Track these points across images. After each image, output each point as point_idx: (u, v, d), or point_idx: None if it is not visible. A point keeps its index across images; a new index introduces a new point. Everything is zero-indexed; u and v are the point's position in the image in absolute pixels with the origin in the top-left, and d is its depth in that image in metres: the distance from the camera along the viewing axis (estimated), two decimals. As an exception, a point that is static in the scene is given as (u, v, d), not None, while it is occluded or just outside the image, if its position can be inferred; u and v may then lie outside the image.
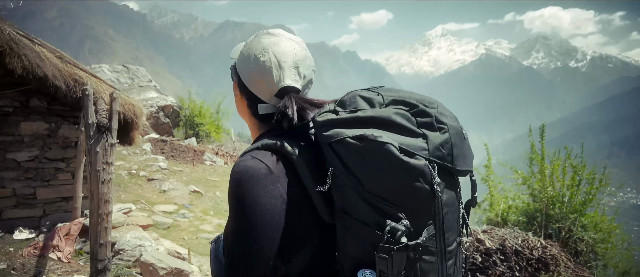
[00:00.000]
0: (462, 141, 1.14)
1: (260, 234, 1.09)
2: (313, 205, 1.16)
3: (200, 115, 16.60)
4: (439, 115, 1.12)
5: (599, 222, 8.07)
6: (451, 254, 1.12)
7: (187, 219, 6.86)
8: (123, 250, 3.73)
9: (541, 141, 8.25)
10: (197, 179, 9.56)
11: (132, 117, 4.28)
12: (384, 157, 1.03)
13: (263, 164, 1.14)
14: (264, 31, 1.33)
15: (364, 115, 1.11)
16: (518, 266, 6.85)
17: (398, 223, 1.03)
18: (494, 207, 8.48)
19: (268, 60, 1.24)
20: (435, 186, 1.05)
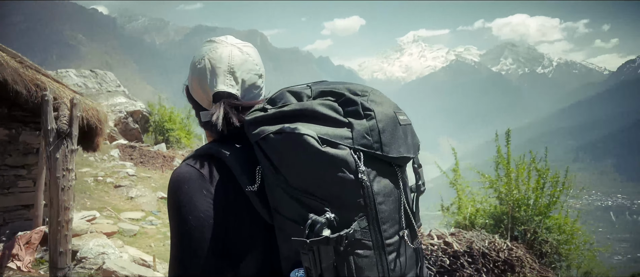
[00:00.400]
0: (395, 126, 1.11)
1: (195, 236, 1.09)
2: (253, 207, 1.14)
3: (170, 121, 16.41)
4: (367, 103, 1.10)
5: (562, 224, 8.31)
6: (392, 247, 1.08)
7: (154, 226, 6.77)
8: (85, 258, 3.66)
9: (507, 145, 8.46)
10: (166, 185, 9.44)
11: (96, 123, 4.21)
12: (304, 149, 1.01)
13: (194, 169, 1.14)
14: (209, 39, 1.32)
15: (289, 110, 1.10)
16: (485, 268, 6.98)
17: (321, 216, 1.00)
18: (462, 210, 8.63)
19: (203, 67, 1.24)
20: (361, 175, 1.02)
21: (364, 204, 1.04)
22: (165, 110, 16.63)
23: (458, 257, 6.74)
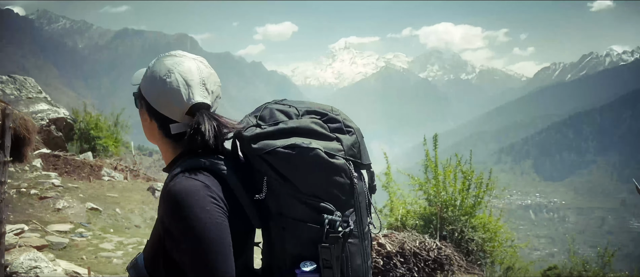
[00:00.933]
0: (363, 140, 1.37)
1: (220, 240, 1.21)
2: (244, 213, 1.29)
3: (97, 128, 15.74)
4: (345, 121, 1.35)
5: (486, 223, 8.83)
6: (366, 235, 1.34)
7: (85, 238, 6.53)
8: (16, 273, 3.51)
9: (435, 149, 8.87)
10: (95, 195, 9.10)
11: (24, 133, 4.06)
12: (314, 160, 1.23)
13: (196, 181, 1.23)
14: (165, 54, 1.40)
15: (287, 127, 1.28)
16: (416, 267, 7.29)
17: (332, 215, 1.24)
18: (394, 212, 8.96)
19: (174, 80, 1.31)
20: (354, 180, 1.28)
21: (353, 202, 1.29)
22: (91, 118, 15.94)
23: (391, 258, 6.99)
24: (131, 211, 8.80)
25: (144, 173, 14.22)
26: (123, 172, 13.00)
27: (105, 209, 8.31)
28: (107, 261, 5.67)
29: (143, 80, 1.38)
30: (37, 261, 3.73)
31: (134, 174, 13.39)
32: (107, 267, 5.40)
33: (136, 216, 8.65)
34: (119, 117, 16.83)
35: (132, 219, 8.43)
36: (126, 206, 8.96)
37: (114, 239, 6.88)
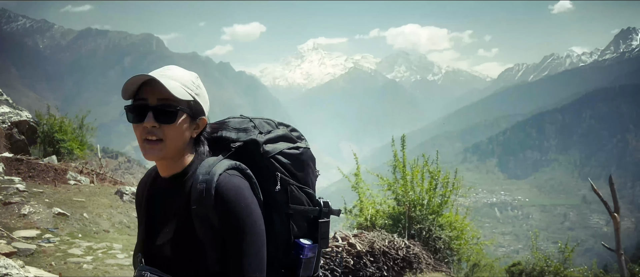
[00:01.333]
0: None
1: (263, 240, 1.47)
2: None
3: (61, 131, 15.36)
4: (296, 129, 1.75)
5: (453, 221, 9.06)
6: None
7: (52, 244, 6.42)
8: (-15, 280, 3.47)
9: (402, 150, 9.06)
10: (61, 200, 8.93)
11: (-9, 138, 4.00)
12: (309, 157, 1.68)
13: (242, 179, 1.48)
14: (172, 66, 1.58)
15: (279, 135, 1.64)
16: (386, 266, 7.44)
17: (322, 199, 1.69)
18: (363, 212, 9.09)
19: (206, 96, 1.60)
20: (317, 170, 1.74)
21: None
22: (55, 120, 15.54)
23: (361, 257, 7.12)
24: (99, 215, 8.67)
25: (110, 176, 13.98)
26: (89, 175, 12.76)
27: (72, 213, 8.17)
28: (77, 267, 5.60)
29: (197, 89, 1.52)
30: (7, 269, 3.69)
31: (101, 177, 13.16)
32: (77, 272, 5.34)
33: (104, 220, 8.54)
34: (84, 119, 16.48)
35: (100, 224, 8.31)
36: (94, 210, 8.83)
37: (82, 244, 6.78)
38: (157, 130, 1.43)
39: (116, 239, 7.53)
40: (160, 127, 1.43)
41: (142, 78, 1.44)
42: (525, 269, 7.71)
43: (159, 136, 1.43)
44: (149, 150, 1.44)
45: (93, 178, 12.61)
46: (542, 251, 8.53)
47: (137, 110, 1.45)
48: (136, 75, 1.43)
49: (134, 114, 1.45)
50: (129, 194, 10.27)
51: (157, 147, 1.43)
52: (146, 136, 1.43)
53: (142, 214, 1.62)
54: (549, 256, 7.83)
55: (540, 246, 8.74)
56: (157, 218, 1.55)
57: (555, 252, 8.34)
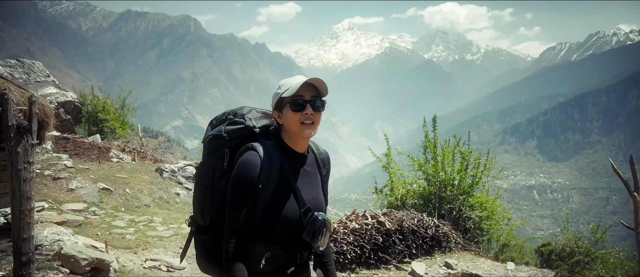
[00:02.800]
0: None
1: None
2: None
3: (104, 111, 16.03)
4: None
5: (484, 202, 9.08)
6: None
7: (98, 216, 6.86)
8: (41, 245, 3.83)
9: (434, 130, 9.10)
10: (105, 176, 9.43)
11: (43, 117, 4.35)
12: None
13: None
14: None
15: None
16: (415, 244, 7.59)
17: None
18: (394, 192, 9.22)
19: None
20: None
21: None
22: (98, 101, 16.22)
23: (390, 235, 7.29)
24: (140, 191, 9.13)
25: (150, 155, 14.53)
26: (131, 153, 13.32)
27: (115, 189, 8.64)
28: (121, 237, 6.00)
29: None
30: (59, 235, 4.04)
31: (142, 155, 13.71)
32: (121, 242, 5.73)
33: (145, 196, 8.98)
34: (125, 99, 17.08)
35: (141, 199, 8.76)
36: (135, 186, 9.29)
37: (125, 217, 7.21)
38: (312, 117, 2.01)
39: (156, 213, 7.94)
40: (314, 114, 2.01)
41: (303, 79, 2.05)
42: (555, 250, 7.70)
43: (312, 120, 2.01)
44: (305, 130, 2.00)
45: (134, 156, 13.14)
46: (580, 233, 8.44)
47: (298, 104, 2.01)
48: (302, 78, 2.05)
49: (296, 105, 2.01)
50: (168, 172, 10.70)
51: (312, 128, 2.01)
52: (304, 120, 2.00)
53: (284, 182, 2.00)
54: (579, 237, 7.79)
55: (580, 230, 8.65)
56: (300, 181, 2.05)
57: (585, 233, 8.26)
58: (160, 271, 4.89)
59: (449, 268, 7.04)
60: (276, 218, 1.92)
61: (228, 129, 2.04)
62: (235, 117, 2.10)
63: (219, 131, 2.05)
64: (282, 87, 2.07)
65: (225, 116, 2.13)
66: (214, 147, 2.05)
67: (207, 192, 2.01)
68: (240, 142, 2.02)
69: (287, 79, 2.11)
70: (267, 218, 1.92)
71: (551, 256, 7.81)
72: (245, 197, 1.88)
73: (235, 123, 2.07)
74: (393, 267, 6.90)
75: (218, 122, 2.13)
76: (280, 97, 2.05)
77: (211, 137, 2.06)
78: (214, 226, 2.01)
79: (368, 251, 6.86)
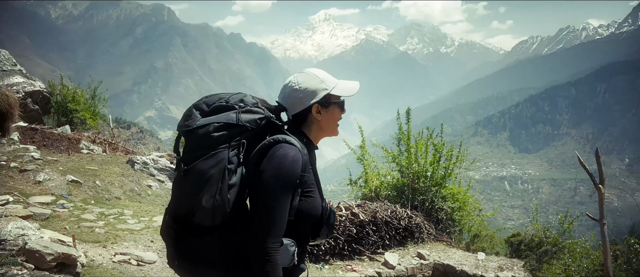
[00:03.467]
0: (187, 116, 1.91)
1: None
2: None
3: (74, 101, 15.63)
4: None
5: (456, 193, 9.21)
6: None
7: (66, 209, 6.70)
8: (5, 240, 3.71)
9: (407, 123, 9.17)
10: (75, 168, 9.21)
11: (6, 108, 4.21)
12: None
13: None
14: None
15: None
16: (388, 235, 7.64)
17: None
18: (368, 183, 9.28)
19: None
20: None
21: None
22: (68, 90, 15.78)
23: (364, 226, 7.32)
24: (111, 183, 8.95)
25: (122, 146, 14.27)
26: (101, 145, 13.05)
27: (85, 181, 8.45)
28: (90, 231, 5.87)
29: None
30: (24, 229, 3.92)
31: (113, 147, 13.45)
32: (89, 236, 5.60)
33: (116, 188, 8.82)
34: (96, 89, 16.71)
35: (112, 191, 8.59)
36: (106, 178, 9.11)
37: (95, 210, 7.06)
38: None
39: (127, 206, 7.81)
40: None
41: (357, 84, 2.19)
42: (524, 240, 7.87)
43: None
44: (337, 129, 2.10)
45: (105, 147, 12.89)
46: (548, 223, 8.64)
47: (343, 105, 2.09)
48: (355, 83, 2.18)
49: (344, 106, 2.10)
50: (140, 164, 10.53)
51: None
52: (338, 121, 2.08)
53: (317, 176, 2.02)
54: (547, 228, 7.98)
55: (549, 220, 8.86)
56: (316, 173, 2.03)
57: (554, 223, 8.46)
58: (130, 264, 4.80)
59: (421, 258, 7.12)
60: (309, 213, 1.87)
61: (247, 118, 1.84)
62: (246, 104, 1.89)
63: (233, 120, 1.82)
64: (327, 82, 2.02)
65: (227, 103, 1.89)
66: (227, 137, 1.79)
67: (221, 188, 1.75)
68: (256, 133, 1.86)
69: (321, 72, 2.06)
70: (303, 213, 1.85)
71: (520, 246, 7.98)
72: (292, 194, 1.79)
73: (252, 112, 1.87)
74: (366, 258, 6.94)
75: (215, 110, 1.88)
76: (330, 93, 2.01)
77: (222, 125, 1.80)
78: (221, 225, 1.79)
79: (342, 242, 6.88)
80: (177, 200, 1.86)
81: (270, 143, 1.82)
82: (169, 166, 11.07)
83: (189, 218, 1.79)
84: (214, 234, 1.79)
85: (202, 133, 1.78)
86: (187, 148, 1.85)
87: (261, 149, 1.82)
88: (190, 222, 1.79)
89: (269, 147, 1.81)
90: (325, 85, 1.99)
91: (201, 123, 1.81)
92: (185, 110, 1.92)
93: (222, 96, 1.92)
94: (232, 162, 1.77)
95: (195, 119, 1.85)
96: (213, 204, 1.73)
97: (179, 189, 1.86)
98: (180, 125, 1.88)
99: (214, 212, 1.74)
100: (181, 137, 1.89)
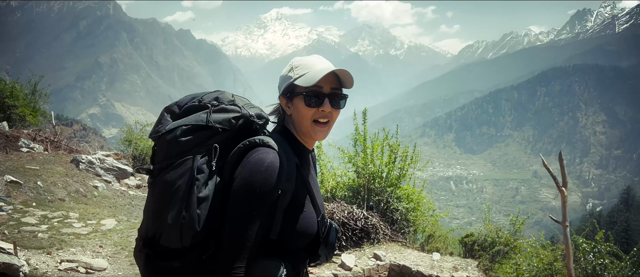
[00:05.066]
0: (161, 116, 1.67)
1: None
2: None
3: (12, 97, 14.77)
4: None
5: (410, 194, 9.29)
6: None
7: (5, 213, 6.27)
8: None
9: (364, 123, 9.16)
10: (14, 168, 8.66)
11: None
12: None
13: None
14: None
15: None
16: (345, 236, 7.60)
17: None
18: (324, 184, 9.21)
19: None
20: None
21: None
22: (5, 85, 14.91)
23: (320, 228, 7.27)
24: (54, 183, 8.47)
25: (65, 144, 13.59)
26: (43, 143, 12.39)
27: (25, 182, 7.95)
28: (32, 236, 5.49)
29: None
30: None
31: (55, 145, 12.79)
32: (32, 242, 5.24)
33: (59, 189, 8.35)
34: (37, 84, 15.87)
35: (55, 192, 8.13)
36: (48, 178, 8.61)
37: (37, 212, 6.64)
38: (329, 114, 1.66)
39: (72, 208, 7.40)
40: (331, 111, 1.66)
41: (326, 66, 1.66)
42: (477, 240, 8.02)
43: (328, 119, 1.66)
44: (319, 131, 1.66)
45: (47, 146, 12.26)
46: (495, 223, 8.86)
47: (315, 97, 1.63)
48: (325, 64, 1.68)
49: (312, 99, 1.63)
50: (85, 163, 10.04)
51: (326, 128, 1.67)
52: (318, 118, 1.64)
53: (309, 186, 1.67)
54: (500, 228, 8.17)
55: (492, 219, 9.08)
56: (311, 181, 1.70)
57: (507, 224, 8.68)
58: (78, 272, 4.50)
59: (377, 259, 7.12)
60: (296, 229, 1.56)
61: (217, 117, 1.55)
62: (221, 103, 1.62)
63: (202, 121, 1.54)
64: (296, 69, 1.66)
65: (199, 102, 1.63)
66: (195, 141, 1.52)
67: (188, 203, 1.45)
68: (232, 135, 1.56)
69: (304, 59, 1.70)
70: (291, 231, 1.55)
71: (474, 246, 8.14)
72: (265, 208, 1.47)
73: (225, 111, 1.58)
74: (323, 260, 6.85)
75: (186, 111, 1.62)
76: (292, 82, 1.64)
77: (190, 127, 1.53)
78: (191, 248, 1.49)
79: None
80: (145, 219, 1.61)
81: (245, 146, 1.52)
82: (116, 165, 10.62)
83: (157, 240, 1.53)
84: (185, 259, 1.50)
85: (169, 139, 1.54)
86: (157, 158, 1.60)
87: (236, 154, 1.53)
88: (157, 245, 1.53)
89: (245, 151, 1.52)
90: (292, 73, 1.66)
91: (170, 127, 1.56)
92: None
93: (197, 95, 1.68)
94: (201, 171, 1.48)
95: (166, 124, 1.60)
96: (179, 222, 1.44)
97: (146, 206, 1.62)
98: (151, 132, 1.63)
99: (181, 232, 1.45)
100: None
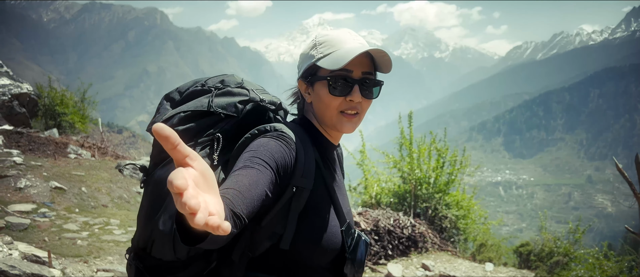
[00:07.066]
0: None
1: None
2: None
3: (63, 104, 15.19)
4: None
5: (460, 200, 8.83)
6: None
7: (48, 219, 6.25)
8: (-35, 259, 3.28)
9: (409, 127, 8.79)
10: (60, 174, 8.74)
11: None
12: None
13: None
14: None
15: None
16: (391, 245, 7.27)
17: None
18: (368, 190, 8.88)
19: None
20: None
21: None
22: (56, 93, 15.34)
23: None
24: (98, 189, 8.49)
25: (112, 151, 13.81)
26: (90, 149, 12.59)
27: (70, 188, 7.98)
28: (71, 243, 5.42)
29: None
30: (-12, 245, 3.49)
31: (102, 151, 12.99)
32: (70, 249, 5.15)
33: (103, 195, 8.36)
34: (85, 92, 16.29)
35: (99, 199, 8.13)
36: (93, 184, 8.65)
37: (79, 219, 6.61)
38: (358, 106, 1.31)
39: (114, 215, 7.36)
40: (362, 101, 1.31)
41: (358, 44, 1.32)
42: (533, 250, 7.49)
43: (357, 110, 1.32)
44: (346, 123, 1.31)
45: (94, 152, 12.45)
46: (548, 230, 8.31)
47: (343, 83, 1.28)
48: (356, 41, 1.34)
49: (338, 86, 1.28)
50: (129, 169, 10.08)
51: (356, 119, 1.33)
52: (346, 109, 1.30)
53: (331, 189, 1.33)
54: (558, 237, 7.62)
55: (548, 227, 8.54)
56: (335, 184, 1.36)
57: (561, 232, 8.12)
58: (112, 282, 4.36)
59: (426, 270, 6.74)
60: (313, 240, 1.22)
61: (221, 102, 1.29)
62: (226, 85, 1.35)
63: (203, 106, 1.28)
64: (321, 47, 1.31)
65: (202, 87, 1.37)
66: (196, 130, 1.26)
67: None
68: (238, 123, 1.29)
69: (331, 34, 1.34)
70: (301, 240, 1.21)
71: (530, 257, 7.62)
72: (275, 166, 1.13)
73: (230, 94, 1.32)
74: (368, 269, 6.55)
75: (187, 97, 1.37)
76: (314, 63, 1.30)
77: (189, 114, 1.28)
78: (188, 261, 1.22)
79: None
80: (137, 226, 1.33)
81: (252, 135, 1.22)
82: (160, 172, 10.64)
83: (148, 251, 1.25)
84: (179, 275, 1.23)
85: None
86: (152, 152, 1.34)
87: (242, 145, 1.22)
88: (149, 257, 1.25)
89: (252, 140, 1.21)
90: (315, 51, 1.32)
91: (168, 115, 1.31)
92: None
93: (199, 80, 1.42)
94: None
95: (164, 113, 1.35)
96: (172, 228, 1.12)
97: (139, 211, 1.34)
98: (149, 123, 1.25)
99: (174, 241, 1.12)
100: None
